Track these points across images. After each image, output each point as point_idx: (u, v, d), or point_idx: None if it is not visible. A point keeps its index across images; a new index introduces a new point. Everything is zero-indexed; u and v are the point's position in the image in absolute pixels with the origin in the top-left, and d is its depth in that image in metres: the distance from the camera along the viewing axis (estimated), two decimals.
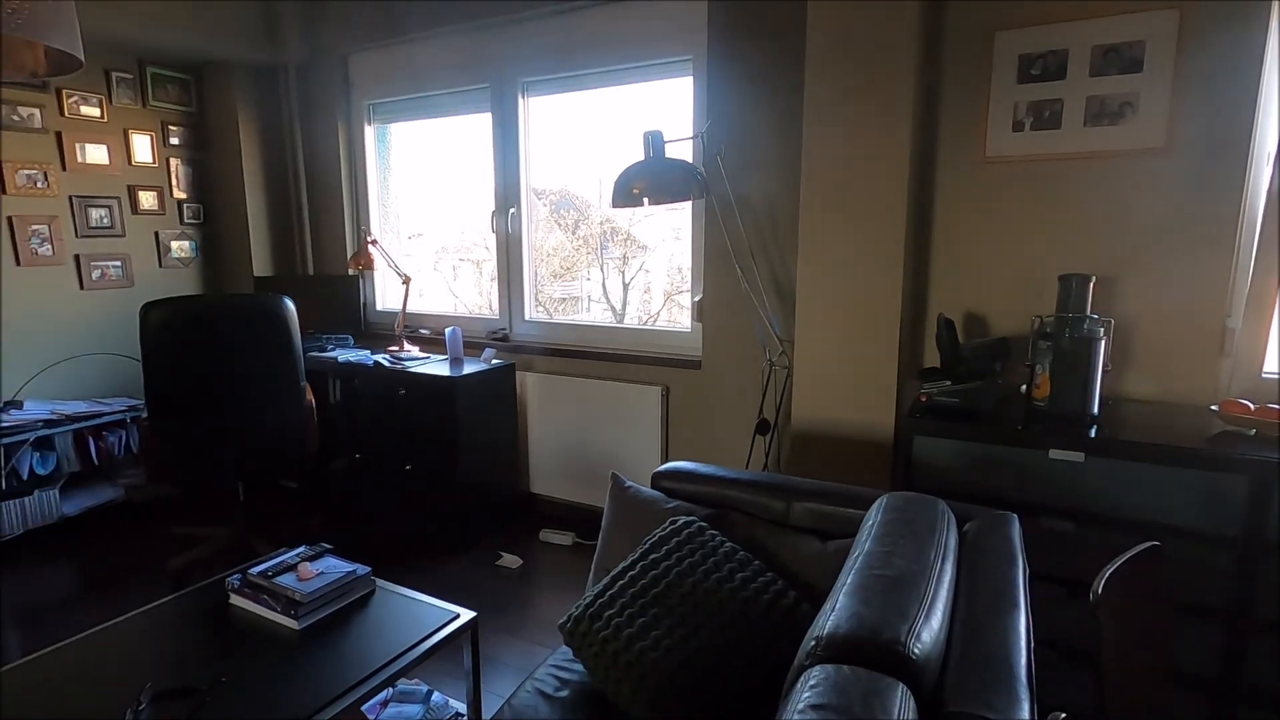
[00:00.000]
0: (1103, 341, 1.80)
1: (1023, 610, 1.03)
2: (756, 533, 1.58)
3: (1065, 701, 1.34)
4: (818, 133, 2.19)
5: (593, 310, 3.47)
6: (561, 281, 3.46)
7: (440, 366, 3.01)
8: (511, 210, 3.27)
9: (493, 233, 3.35)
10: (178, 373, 2.45)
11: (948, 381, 1.97)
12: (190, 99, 3.73)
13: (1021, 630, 0.97)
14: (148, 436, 2.49)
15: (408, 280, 3.33)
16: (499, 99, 3.21)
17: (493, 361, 3.11)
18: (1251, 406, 1.71)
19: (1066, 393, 1.81)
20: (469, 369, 2.97)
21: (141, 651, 1.55)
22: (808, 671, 0.84)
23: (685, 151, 2.72)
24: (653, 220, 3.19)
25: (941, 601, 0.99)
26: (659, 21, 2.76)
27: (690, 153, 2.72)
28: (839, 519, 1.53)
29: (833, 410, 2.30)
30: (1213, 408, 1.81)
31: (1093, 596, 1.03)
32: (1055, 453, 1.73)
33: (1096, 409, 1.82)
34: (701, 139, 2.60)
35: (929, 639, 0.89)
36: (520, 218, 3.26)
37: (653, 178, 2.36)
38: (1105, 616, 1.02)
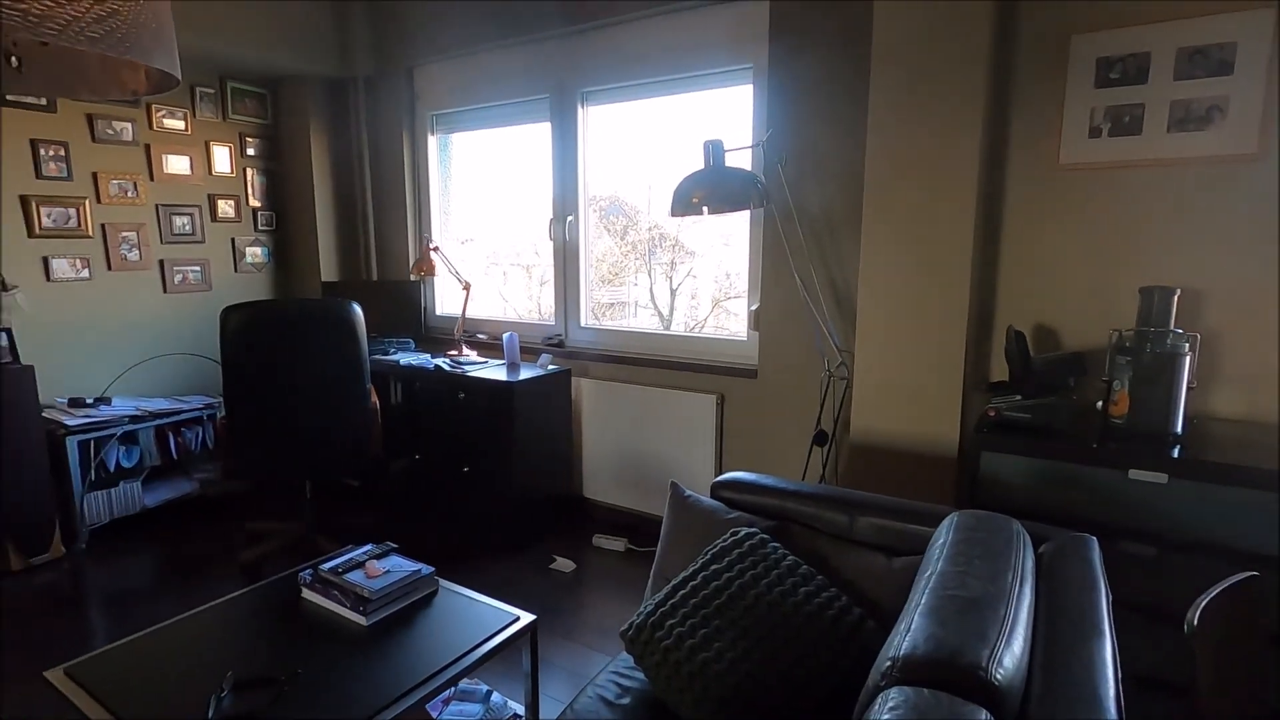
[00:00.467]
0: (1187, 357, 1.72)
1: (1108, 639, 0.99)
2: (819, 546, 1.56)
3: None
4: (882, 139, 2.16)
5: (640, 316, 3.49)
6: (609, 287, 3.48)
7: (498, 371, 3.07)
8: (569, 218, 3.31)
9: (550, 240, 3.40)
10: (254, 373, 2.56)
11: (1018, 396, 1.91)
12: (266, 112, 3.91)
13: (1108, 660, 0.94)
14: (224, 433, 2.61)
15: (468, 286, 3.41)
16: (559, 109, 3.26)
17: (549, 367, 3.16)
18: None
19: (1147, 410, 1.73)
20: (525, 374, 3.02)
21: (222, 640, 1.62)
22: (885, 693, 0.83)
23: (744, 160, 2.71)
24: (701, 226, 3.18)
25: (1022, 626, 0.96)
26: (719, 30, 2.77)
27: (749, 161, 2.71)
28: (905, 535, 1.50)
29: (893, 423, 2.26)
30: None
31: (1188, 628, 0.98)
32: (1135, 473, 1.66)
33: (1180, 428, 1.73)
34: (761, 147, 2.59)
35: (1011, 665, 0.87)
36: (578, 225, 3.31)
37: (713, 187, 2.36)
38: (1201, 649, 0.97)
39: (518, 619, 1.71)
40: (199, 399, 3.47)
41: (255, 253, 3.94)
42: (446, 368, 3.14)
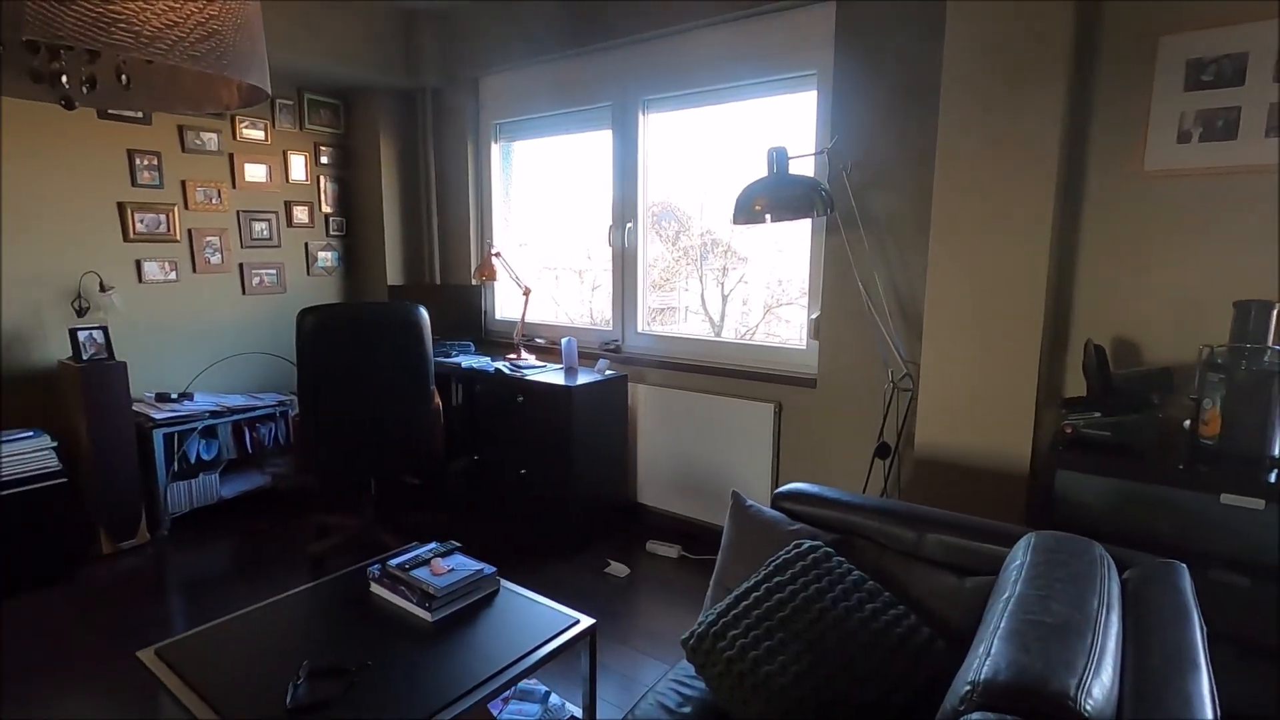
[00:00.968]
0: None
1: (1205, 672, 0.94)
2: (885, 562, 1.52)
3: None
4: (954, 143, 2.11)
5: (689, 321, 3.49)
6: (659, 292, 3.50)
7: (556, 375, 3.12)
8: (629, 224, 3.34)
9: (609, 246, 3.43)
10: (326, 372, 2.67)
11: (1097, 413, 1.83)
12: (340, 122, 4.07)
13: (1206, 695, 0.89)
14: (297, 430, 2.72)
15: (528, 291, 3.48)
16: (620, 117, 3.29)
17: (606, 372, 3.19)
18: None
19: (1242, 431, 1.64)
20: (583, 379, 3.05)
21: (296, 628, 1.69)
22: (965, 718, 0.80)
23: (806, 167, 2.68)
24: (754, 232, 3.16)
25: (1110, 655, 0.92)
26: (782, 36, 2.75)
27: (812, 168, 2.68)
28: (977, 555, 1.45)
29: (960, 437, 2.19)
30: None
31: None
32: (1228, 498, 1.57)
33: (1278, 450, 1.63)
34: (826, 154, 2.56)
35: (1100, 696, 0.83)
36: (636, 232, 3.33)
37: (776, 194, 2.35)
38: None
39: (577, 622, 1.73)
40: (272, 396, 3.62)
41: (326, 257, 4.10)
42: (507, 371, 3.20)
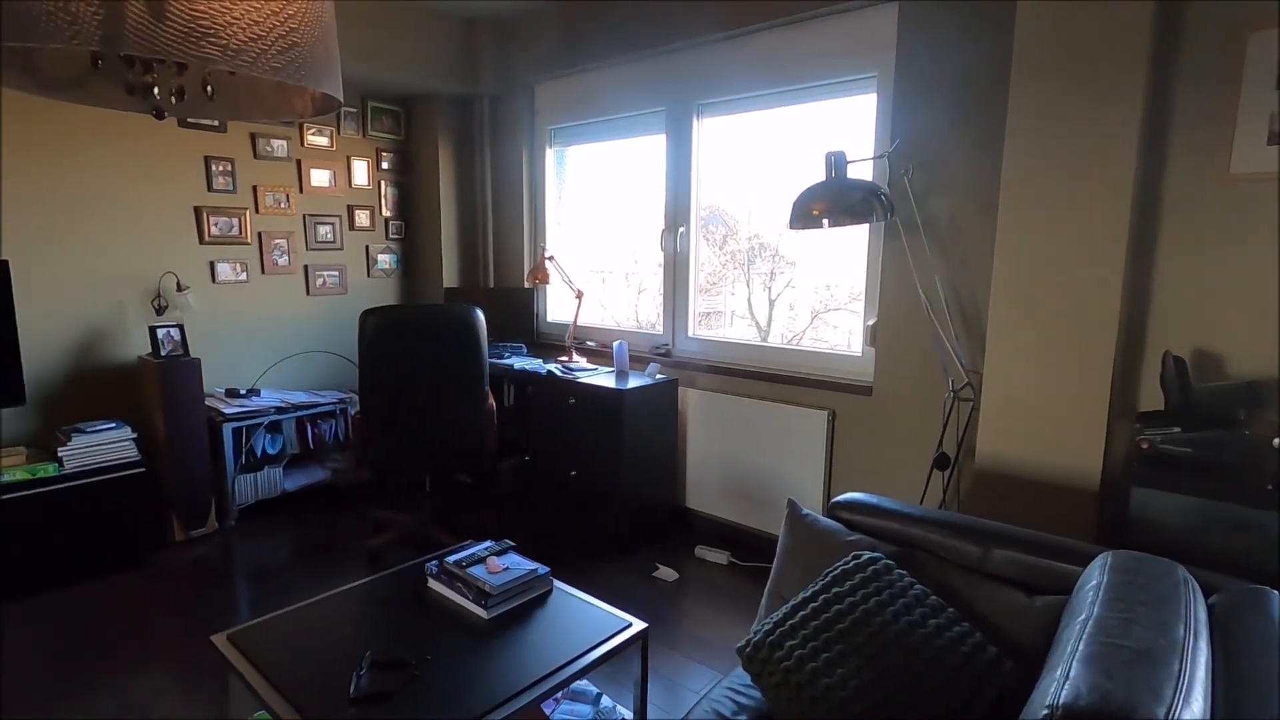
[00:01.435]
0: None
1: None
2: (948, 577, 1.48)
3: None
4: (1022, 145, 2.04)
5: (735, 325, 3.47)
6: (705, 296, 3.48)
7: (607, 378, 3.14)
8: (681, 229, 3.34)
9: (660, 250, 3.44)
10: (386, 371, 2.75)
11: (1177, 428, 1.74)
12: (400, 128, 4.19)
13: None
14: (356, 427, 2.81)
15: (580, 294, 3.51)
16: (674, 121, 3.30)
17: (657, 376, 3.19)
18: None
19: None
20: (634, 382, 3.06)
21: (357, 620, 1.74)
22: None
23: (864, 172, 2.63)
24: (801, 237, 3.12)
25: (1200, 685, 0.88)
26: (841, 38, 2.71)
27: (870, 173, 2.64)
28: (1047, 572, 1.40)
29: (1025, 449, 2.12)
30: None
31: None
32: None
33: None
34: (886, 158, 2.51)
35: None
36: (689, 236, 3.33)
37: (834, 199, 2.32)
38: None
39: (630, 625, 1.73)
40: (333, 394, 3.75)
41: (386, 259, 4.22)
42: (559, 373, 3.24)
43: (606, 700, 1.95)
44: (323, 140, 3.87)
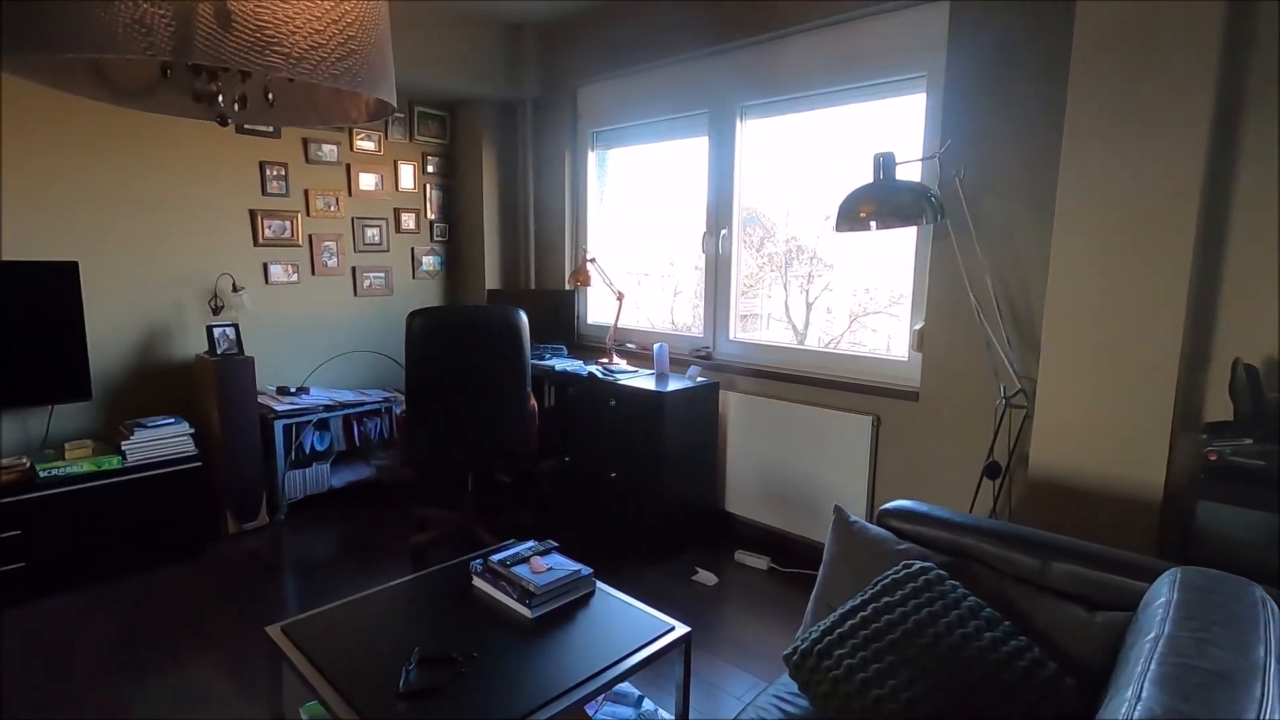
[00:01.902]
0: None
1: None
2: (1004, 589, 1.44)
3: None
4: (1081, 144, 1.98)
5: (772, 328, 3.43)
6: (743, 298, 3.46)
7: (647, 381, 3.13)
8: (723, 231, 3.32)
9: (702, 253, 3.42)
10: (431, 371, 2.79)
11: (1248, 440, 1.66)
12: (445, 132, 4.27)
13: None
14: (401, 425, 2.86)
15: (621, 296, 3.52)
16: (717, 123, 3.28)
17: (698, 379, 3.18)
18: None
19: None
20: (674, 385, 3.06)
21: (404, 616, 1.77)
22: None
23: (913, 174, 2.58)
24: (840, 239, 3.07)
25: None
26: (889, 37, 2.66)
27: (919, 175, 2.58)
28: (1110, 587, 1.35)
29: (1081, 459, 2.05)
30: None
31: None
32: None
33: None
34: (937, 160, 2.46)
35: None
36: (730, 239, 3.31)
37: (882, 201, 2.28)
38: None
39: (673, 629, 1.72)
40: (378, 393, 3.83)
41: (430, 261, 4.30)
42: (599, 375, 3.25)
43: (648, 703, 1.94)
44: (370, 145, 3.95)
